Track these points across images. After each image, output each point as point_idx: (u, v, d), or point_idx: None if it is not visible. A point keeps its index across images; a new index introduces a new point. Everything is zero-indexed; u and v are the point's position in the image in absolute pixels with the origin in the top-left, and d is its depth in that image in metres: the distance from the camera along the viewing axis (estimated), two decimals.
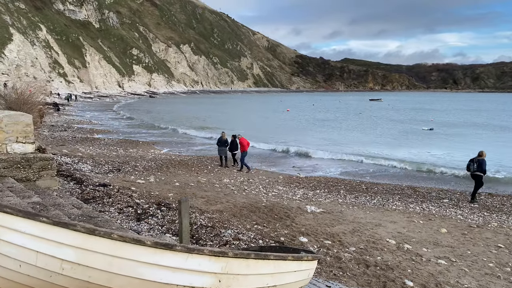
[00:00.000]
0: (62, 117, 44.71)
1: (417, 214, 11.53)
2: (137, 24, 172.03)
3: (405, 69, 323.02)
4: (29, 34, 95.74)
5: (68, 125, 36.04)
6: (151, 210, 7.66)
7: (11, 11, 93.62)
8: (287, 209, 10.62)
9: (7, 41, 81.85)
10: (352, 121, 50.71)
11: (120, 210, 7.41)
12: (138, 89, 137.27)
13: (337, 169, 20.02)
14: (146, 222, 6.83)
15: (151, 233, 6.43)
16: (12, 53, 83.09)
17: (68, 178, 10.01)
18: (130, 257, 2.70)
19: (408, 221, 10.55)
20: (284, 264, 3.42)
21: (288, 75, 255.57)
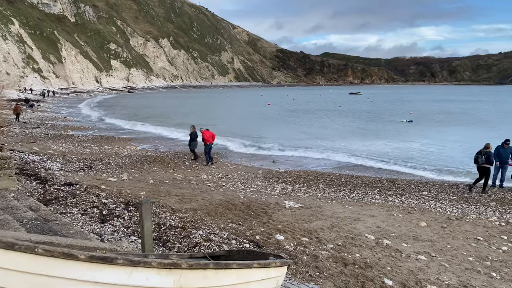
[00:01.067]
0: (36, 113, 43.36)
1: (397, 208, 11.37)
2: (115, 18, 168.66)
3: (384, 63, 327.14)
4: (1, 28, 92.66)
5: (42, 121, 34.92)
6: (117, 210, 7.21)
7: None
8: (265, 205, 10.30)
9: None
10: (332, 114, 50.77)
11: (84, 211, 6.92)
12: (116, 84, 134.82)
13: (318, 162, 19.84)
14: (110, 224, 6.38)
15: (114, 235, 6.00)
16: None
17: (32, 178, 9.44)
18: (59, 275, 2.29)
19: (387, 215, 10.36)
20: (249, 272, 3.08)
21: (269, 70, 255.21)
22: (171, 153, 20.31)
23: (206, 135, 17.81)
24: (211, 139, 17.81)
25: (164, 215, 7.46)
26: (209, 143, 17.72)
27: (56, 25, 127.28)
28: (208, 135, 17.81)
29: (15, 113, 31.24)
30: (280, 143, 25.67)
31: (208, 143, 17.68)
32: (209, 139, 17.71)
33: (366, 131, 33.18)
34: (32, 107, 48.26)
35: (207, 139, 17.67)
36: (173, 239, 6.08)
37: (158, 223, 6.73)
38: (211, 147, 17.96)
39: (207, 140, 17.67)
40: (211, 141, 17.81)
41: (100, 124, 36.11)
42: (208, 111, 53.36)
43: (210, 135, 17.90)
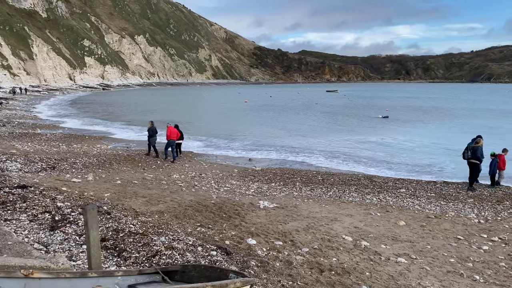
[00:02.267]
0: (3, 111, 41.54)
1: (374, 206, 11.04)
2: (88, 14, 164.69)
3: (360, 61, 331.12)
4: None
5: (9, 120, 33.37)
6: (72, 215, 6.54)
7: None
8: (238, 205, 9.78)
9: None
10: (309, 111, 50.63)
11: (33, 217, 6.22)
12: (91, 82, 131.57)
13: (295, 159, 19.46)
14: (61, 231, 5.72)
15: (64, 245, 5.35)
16: None
17: None
18: None
19: (365, 214, 10.00)
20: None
21: (247, 67, 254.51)
22: (143, 152, 19.52)
23: (170, 131, 17.27)
24: (174, 136, 17.25)
25: (125, 219, 6.83)
26: (172, 139, 17.16)
27: (26, 21, 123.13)
28: (172, 131, 17.26)
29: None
30: (257, 140, 25.24)
31: (170, 139, 17.15)
32: (172, 135, 17.15)
33: (343, 127, 33.06)
34: (1, 104, 46.26)
35: (169, 135, 17.13)
36: (131, 248, 5.46)
37: (116, 229, 6.11)
38: (173, 144, 17.34)
39: (169, 136, 17.12)
40: (174, 138, 17.24)
41: (70, 122, 34.81)
42: (184, 109, 52.43)
43: (175, 132, 17.36)
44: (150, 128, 18.04)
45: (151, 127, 18.04)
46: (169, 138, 17.18)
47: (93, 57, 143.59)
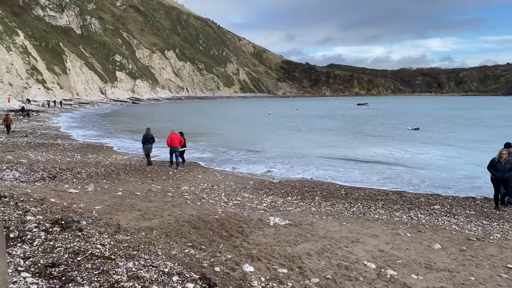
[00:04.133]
0: (32, 123, 42.07)
1: (404, 225, 9.55)
2: (121, 30, 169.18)
3: (390, 74, 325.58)
4: (5, 39, 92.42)
5: (33, 130, 33.56)
6: (34, 232, 5.52)
7: None
8: (245, 222, 8.55)
9: None
10: (335, 123, 48.96)
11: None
12: (121, 96, 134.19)
13: (318, 172, 18.08)
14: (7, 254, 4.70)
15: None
16: None
17: None
18: None
19: (393, 234, 8.55)
20: None
21: (274, 81, 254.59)
22: (157, 162, 18.64)
23: (171, 138, 16.87)
24: (176, 143, 16.84)
25: (97, 238, 5.76)
26: (174, 146, 16.81)
27: (62, 37, 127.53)
28: (173, 138, 16.83)
29: (5, 124, 29.53)
30: (279, 151, 24.01)
31: (172, 146, 16.84)
32: (174, 142, 16.77)
33: (371, 140, 31.31)
34: (28, 116, 47.11)
35: (172, 142, 16.79)
36: (83, 277, 4.32)
37: (77, 251, 5.02)
38: (176, 151, 16.97)
39: (172, 143, 16.79)
40: (176, 144, 16.86)
41: (91, 134, 34.66)
42: (208, 120, 51.85)
43: (176, 139, 16.91)
44: (145, 135, 17.47)
45: (146, 134, 17.45)
46: (171, 145, 16.83)
47: (124, 72, 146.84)
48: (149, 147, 17.34)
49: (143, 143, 17.52)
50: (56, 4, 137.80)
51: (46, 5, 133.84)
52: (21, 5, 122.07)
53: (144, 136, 17.41)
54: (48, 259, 4.59)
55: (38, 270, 4.28)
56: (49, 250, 4.87)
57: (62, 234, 5.59)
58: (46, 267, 4.37)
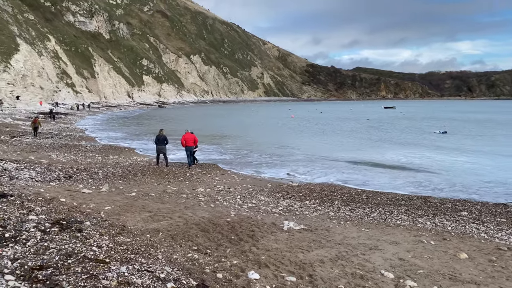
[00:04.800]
0: (58, 125, 43.03)
1: (428, 232, 8.97)
2: (148, 35, 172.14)
3: (418, 77, 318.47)
4: (37, 44, 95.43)
5: (60, 132, 34.19)
6: (31, 231, 5.33)
7: (19, 22, 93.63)
8: (257, 225, 8.19)
9: (14, 52, 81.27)
10: (359, 126, 47.96)
11: None
12: (148, 99, 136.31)
13: (339, 175, 17.54)
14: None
15: None
16: (19, 63, 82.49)
17: None
18: None
19: (415, 242, 8.01)
20: None
21: (299, 84, 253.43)
22: (176, 164, 18.51)
23: (185, 137, 17.13)
24: (191, 143, 17.16)
25: (96, 239, 5.52)
26: (188, 146, 17.14)
27: (91, 42, 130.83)
28: (187, 138, 17.10)
29: (33, 126, 29.99)
30: (299, 154, 23.53)
31: (186, 146, 17.14)
32: (188, 142, 17.08)
33: (397, 143, 30.38)
34: (54, 119, 48.26)
35: (187, 142, 17.09)
36: (70, 281, 4.02)
37: (70, 253, 4.77)
38: (191, 150, 17.25)
39: (187, 142, 17.09)
40: (190, 144, 17.18)
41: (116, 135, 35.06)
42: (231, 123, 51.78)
43: (191, 138, 17.18)
44: (157, 136, 17.43)
45: (158, 135, 17.40)
46: (185, 145, 17.07)
47: (150, 76, 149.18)
48: (162, 148, 17.28)
49: (156, 144, 17.51)
50: (86, 10, 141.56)
51: (77, 11, 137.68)
52: (53, 12, 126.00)
53: (157, 137, 17.36)
54: (37, 261, 4.37)
55: (23, 273, 4.05)
56: (41, 251, 4.65)
57: (60, 234, 5.38)
58: (32, 269, 4.15)
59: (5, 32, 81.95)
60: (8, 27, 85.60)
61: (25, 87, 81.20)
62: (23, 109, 60.38)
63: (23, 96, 74.13)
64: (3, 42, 78.91)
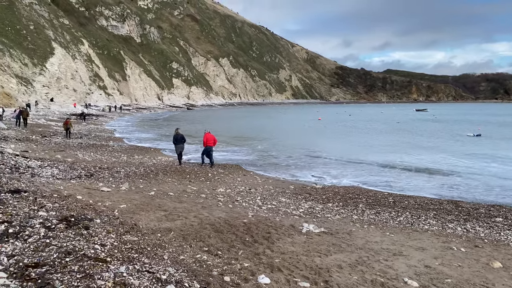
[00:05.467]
0: (89, 126, 44.06)
1: (458, 238, 8.39)
2: (178, 38, 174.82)
3: (451, 80, 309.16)
4: (71, 48, 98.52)
5: (89, 133, 34.91)
6: (36, 228, 5.21)
7: (55, 26, 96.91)
8: (274, 227, 7.86)
9: (49, 55, 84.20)
10: (390, 128, 46.72)
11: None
12: (177, 102, 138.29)
13: (365, 177, 16.96)
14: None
15: None
16: (54, 66, 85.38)
17: None
18: None
19: (443, 248, 7.47)
20: None
21: (327, 87, 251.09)
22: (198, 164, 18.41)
23: (207, 137, 17.46)
24: (211, 143, 17.49)
25: (100, 237, 5.35)
26: (209, 145, 17.43)
27: (122, 45, 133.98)
28: (209, 138, 17.44)
29: (65, 127, 29.49)
30: (325, 156, 23.01)
31: (207, 145, 17.42)
32: (209, 141, 17.42)
33: (429, 145, 29.29)
34: (85, 119, 49.46)
35: (206, 142, 17.40)
36: (63, 280, 3.83)
37: (70, 251, 4.60)
38: (210, 150, 17.44)
39: (206, 142, 17.40)
40: (211, 144, 17.35)
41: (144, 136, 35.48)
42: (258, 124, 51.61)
43: (211, 138, 17.51)
44: (175, 135, 17.66)
45: (175, 134, 17.64)
46: (206, 145, 17.31)
47: (180, 79, 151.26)
48: (181, 147, 17.46)
49: (174, 144, 17.65)
50: (118, 14, 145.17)
51: (109, 15, 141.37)
52: (87, 16, 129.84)
53: (175, 137, 17.54)
54: (34, 259, 4.22)
55: (17, 271, 3.90)
56: (41, 248, 4.51)
57: (65, 231, 5.24)
58: (27, 267, 4.00)
59: (41, 36, 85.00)
60: (44, 31, 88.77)
61: (59, 89, 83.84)
62: (56, 111, 62.25)
63: (57, 98, 76.61)
64: (40, 46, 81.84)
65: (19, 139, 22.53)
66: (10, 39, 72.07)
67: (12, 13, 78.40)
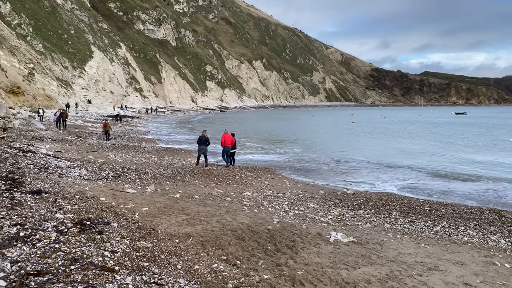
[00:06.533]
0: (124, 127, 45.00)
1: (502, 252, 7.68)
2: (212, 42, 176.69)
3: (494, 82, 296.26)
4: (109, 51, 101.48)
5: (123, 134, 35.55)
6: (48, 231, 5.03)
7: (94, 31, 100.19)
8: (300, 235, 7.45)
9: (88, 58, 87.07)
10: (428, 132, 44.99)
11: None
12: (210, 104, 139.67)
13: (400, 183, 16.21)
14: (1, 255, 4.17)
15: None
16: (92, 69, 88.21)
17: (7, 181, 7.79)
18: None
19: (485, 264, 6.82)
20: None
21: (362, 89, 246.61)
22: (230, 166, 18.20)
23: (225, 138, 17.63)
24: (229, 143, 17.63)
25: (113, 242, 5.11)
26: (226, 146, 17.62)
27: (158, 49, 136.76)
28: (227, 138, 17.58)
29: (104, 130, 28.52)
30: (358, 160, 22.27)
31: (225, 146, 17.51)
32: (227, 142, 17.57)
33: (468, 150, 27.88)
34: (120, 121, 50.55)
35: (224, 142, 17.63)
36: None
37: (77, 258, 4.38)
38: (228, 150, 17.66)
39: (224, 142, 17.63)
40: (228, 145, 17.65)
41: (176, 138, 35.79)
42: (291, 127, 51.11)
43: (229, 139, 17.67)
44: (200, 136, 17.72)
45: (201, 136, 17.68)
46: (224, 145, 17.52)
47: (213, 81, 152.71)
48: (203, 149, 17.49)
49: (198, 144, 17.77)
50: (155, 18, 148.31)
51: (146, 19, 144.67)
52: (125, 21, 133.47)
53: (199, 138, 17.64)
54: (37, 266, 4.04)
55: (17, 279, 3.72)
56: (48, 254, 4.33)
57: (77, 236, 5.07)
58: (28, 275, 3.82)
59: (81, 40, 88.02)
60: (84, 35, 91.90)
61: (97, 91, 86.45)
62: (93, 112, 64.14)
63: (95, 100, 79.00)
64: (79, 50, 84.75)
65: (55, 139, 23.13)
66: (53, 43, 75.04)
67: (54, 18, 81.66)
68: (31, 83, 55.03)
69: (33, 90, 52.83)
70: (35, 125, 30.41)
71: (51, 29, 78.14)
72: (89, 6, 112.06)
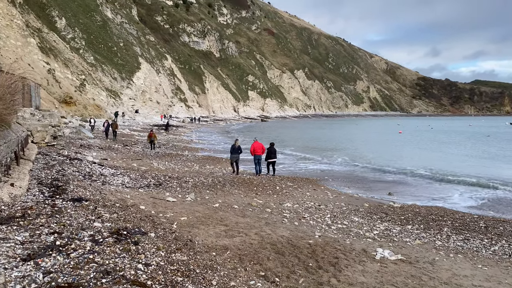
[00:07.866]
0: (168, 136, 45.98)
1: None
2: (254, 52, 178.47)
3: None
4: (156, 63, 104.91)
5: (167, 142, 36.26)
6: (84, 241, 4.92)
7: (142, 43, 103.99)
8: (343, 251, 7.02)
9: (136, 70, 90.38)
10: (481, 143, 42.58)
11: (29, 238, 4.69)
12: (252, 114, 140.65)
13: (451, 197, 15.28)
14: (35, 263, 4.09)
15: None
16: (139, 80, 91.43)
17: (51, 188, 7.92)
18: None
19: None
20: None
21: (408, 98, 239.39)
22: (269, 176, 17.94)
23: (254, 146, 17.82)
24: (259, 151, 17.80)
25: (147, 254, 4.94)
26: (256, 154, 17.66)
27: (202, 60, 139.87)
28: (256, 147, 17.79)
29: (149, 140, 28.41)
30: (406, 171, 21.29)
31: (255, 154, 17.67)
32: (257, 150, 17.75)
33: None
34: (166, 130, 51.76)
35: (253, 150, 17.78)
36: None
37: (110, 270, 4.21)
38: (259, 158, 17.80)
39: (254, 151, 17.78)
40: (259, 153, 17.71)
41: (217, 147, 36.04)
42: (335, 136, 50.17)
43: (259, 147, 17.85)
44: (233, 145, 18.09)
45: (234, 145, 18.06)
46: (254, 153, 17.72)
47: (255, 91, 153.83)
48: (236, 157, 17.81)
49: (231, 153, 18.14)
50: (200, 31, 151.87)
51: (191, 32, 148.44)
52: (171, 33, 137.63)
53: (232, 146, 18.02)
54: (69, 277, 3.92)
55: None
56: (81, 265, 4.21)
57: (113, 246, 4.95)
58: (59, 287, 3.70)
59: (129, 52, 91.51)
60: (132, 48, 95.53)
61: (144, 101, 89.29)
62: (140, 121, 66.19)
63: (141, 110, 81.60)
64: (128, 62, 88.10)
65: (102, 147, 23.86)
66: (103, 55, 78.53)
67: (105, 31, 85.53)
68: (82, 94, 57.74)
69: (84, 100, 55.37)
70: (84, 133, 31.66)
71: (102, 42, 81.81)
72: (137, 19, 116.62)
